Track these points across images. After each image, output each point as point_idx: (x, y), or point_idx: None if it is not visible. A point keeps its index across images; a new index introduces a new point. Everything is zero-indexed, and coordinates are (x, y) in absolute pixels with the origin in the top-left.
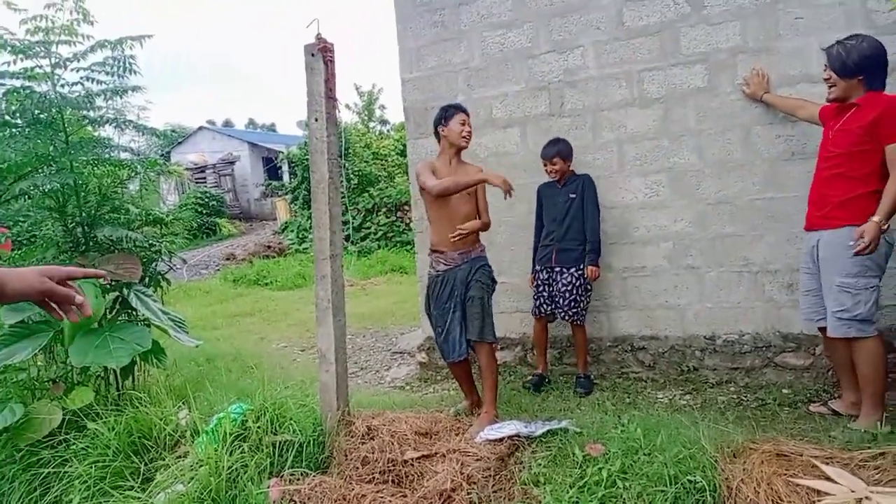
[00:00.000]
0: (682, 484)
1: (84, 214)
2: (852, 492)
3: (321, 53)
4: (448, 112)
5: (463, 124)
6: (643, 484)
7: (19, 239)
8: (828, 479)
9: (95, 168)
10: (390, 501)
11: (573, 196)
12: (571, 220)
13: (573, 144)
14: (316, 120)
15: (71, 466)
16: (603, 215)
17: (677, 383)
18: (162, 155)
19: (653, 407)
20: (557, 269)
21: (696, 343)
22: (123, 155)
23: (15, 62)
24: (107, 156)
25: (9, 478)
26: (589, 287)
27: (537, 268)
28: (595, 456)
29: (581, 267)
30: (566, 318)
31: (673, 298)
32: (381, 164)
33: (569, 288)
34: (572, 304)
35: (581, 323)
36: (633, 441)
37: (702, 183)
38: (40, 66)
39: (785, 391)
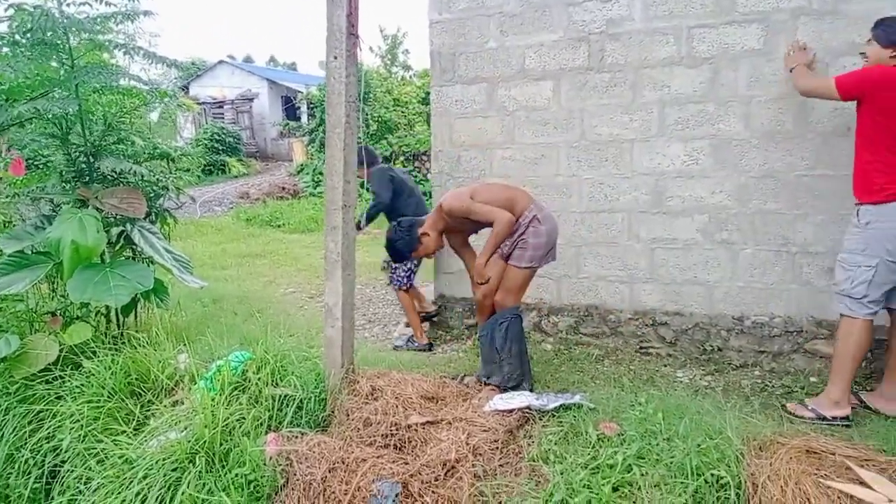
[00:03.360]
0: (704, 477)
1: (88, 144)
2: (889, 501)
3: None
4: None
5: None
6: (661, 473)
7: (32, 162)
8: (862, 483)
9: (102, 96)
10: (390, 467)
11: None
12: None
13: (611, 103)
14: (335, 58)
15: (64, 404)
16: (635, 182)
17: (699, 363)
18: (182, 87)
19: (672, 386)
20: None
21: (723, 322)
22: (132, 84)
23: None
24: (114, 83)
25: (2, 410)
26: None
27: None
28: (609, 435)
29: None
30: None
31: (703, 274)
32: (402, 112)
33: None
34: None
35: None
36: (652, 424)
37: (746, 154)
38: None
39: (813, 379)
